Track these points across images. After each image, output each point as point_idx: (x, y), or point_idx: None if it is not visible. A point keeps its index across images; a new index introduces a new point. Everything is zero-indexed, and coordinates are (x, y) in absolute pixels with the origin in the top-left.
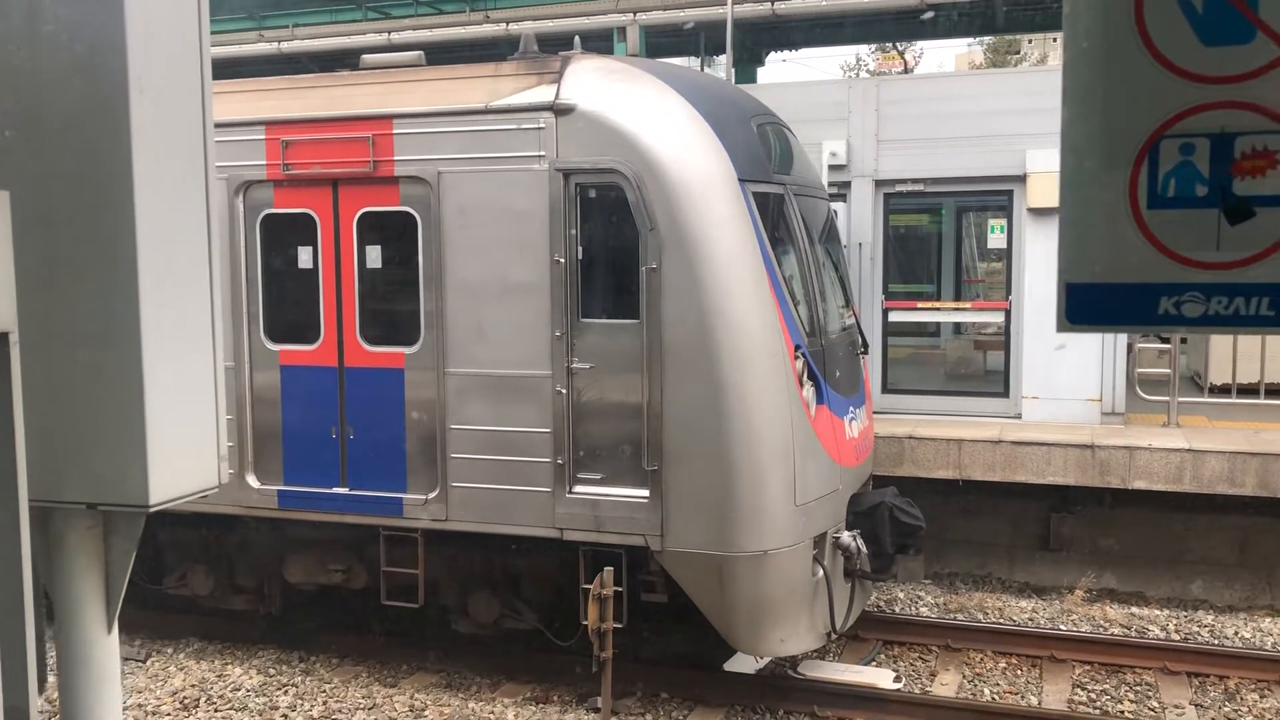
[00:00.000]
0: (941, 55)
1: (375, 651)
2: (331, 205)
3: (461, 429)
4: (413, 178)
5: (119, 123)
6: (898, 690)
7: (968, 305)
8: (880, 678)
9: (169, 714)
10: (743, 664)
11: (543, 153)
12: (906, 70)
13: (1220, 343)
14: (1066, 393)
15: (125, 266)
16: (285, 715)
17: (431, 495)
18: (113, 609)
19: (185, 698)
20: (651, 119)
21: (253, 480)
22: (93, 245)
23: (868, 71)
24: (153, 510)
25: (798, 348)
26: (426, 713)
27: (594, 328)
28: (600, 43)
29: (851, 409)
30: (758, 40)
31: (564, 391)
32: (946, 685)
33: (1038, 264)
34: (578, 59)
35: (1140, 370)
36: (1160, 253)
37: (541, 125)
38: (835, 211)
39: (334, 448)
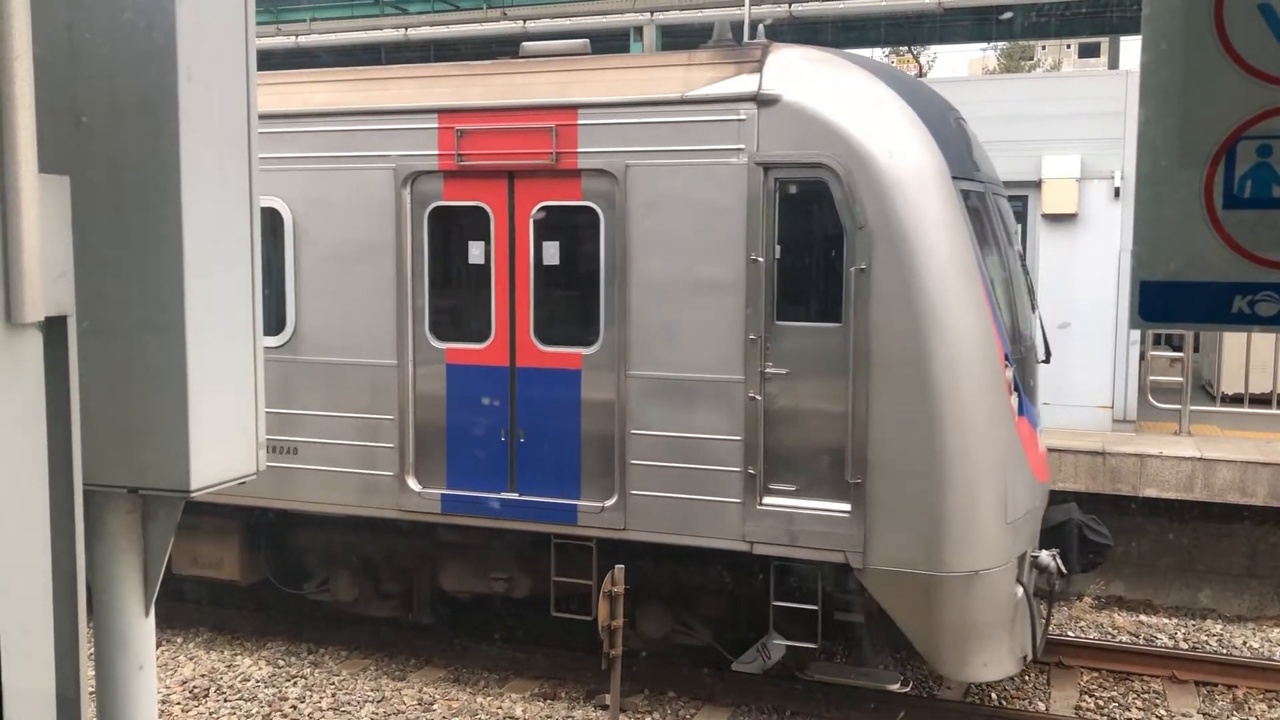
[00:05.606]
0: (955, 60)
1: (383, 644)
2: (507, 198)
3: (643, 434)
4: (597, 170)
5: (169, 110)
6: (905, 693)
7: None
8: (888, 680)
9: (179, 703)
10: (750, 663)
11: (742, 145)
12: (921, 74)
13: (1233, 352)
14: (1078, 399)
15: (172, 254)
16: (294, 706)
17: (609, 503)
18: (150, 593)
19: (195, 687)
20: (863, 111)
21: (413, 483)
22: (144, 231)
23: None
24: (193, 496)
25: (1008, 356)
26: (435, 706)
27: (791, 331)
28: (614, 41)
29: (1039, 420)
30: (774, 41)
31: (757, 398)
32: (953, 689)
33: (1052, 269)
34: (777, 48)
35: (1152, 378)
36: (1235, 252)
37: (742, 117)
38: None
39: (503, 451)
